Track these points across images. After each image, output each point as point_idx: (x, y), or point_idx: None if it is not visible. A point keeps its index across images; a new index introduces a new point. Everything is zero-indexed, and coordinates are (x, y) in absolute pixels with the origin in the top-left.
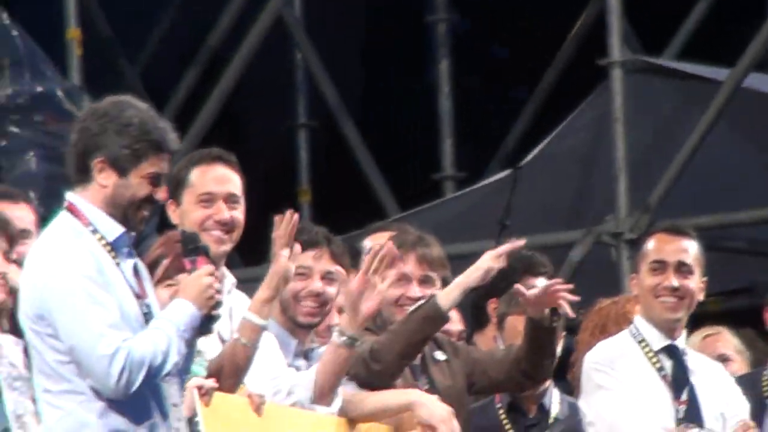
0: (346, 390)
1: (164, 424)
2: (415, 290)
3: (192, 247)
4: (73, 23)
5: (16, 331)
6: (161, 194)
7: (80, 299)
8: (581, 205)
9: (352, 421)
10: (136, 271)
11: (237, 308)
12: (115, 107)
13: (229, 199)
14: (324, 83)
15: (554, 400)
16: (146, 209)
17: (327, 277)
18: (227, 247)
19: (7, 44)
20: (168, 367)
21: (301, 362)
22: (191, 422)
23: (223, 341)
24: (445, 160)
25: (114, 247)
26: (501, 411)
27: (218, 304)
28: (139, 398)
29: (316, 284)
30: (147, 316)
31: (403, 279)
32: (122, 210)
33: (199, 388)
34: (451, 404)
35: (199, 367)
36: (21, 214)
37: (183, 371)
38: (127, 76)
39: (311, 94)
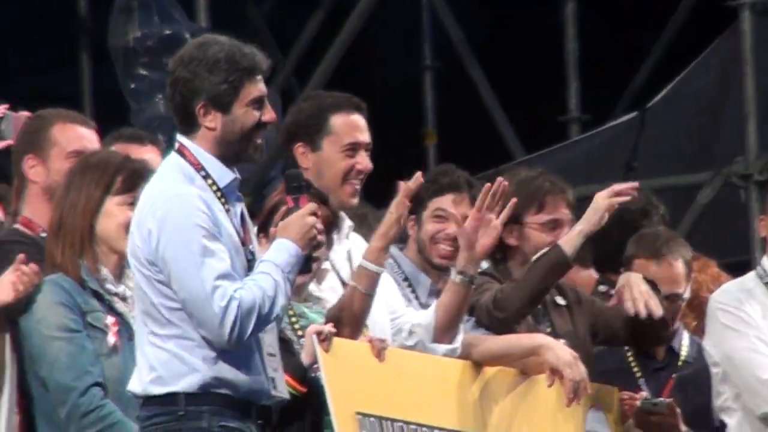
0: (474, 333)
1: (263, 374)
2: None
3: (295, 185)
4: None
5: None
6: (268, 115)
7: (194, 251)
8: (709, 146)
9: (477, 365)
10: (241, 217)
11: (355, 251)
12: (198, 50)
13: (367, 148)
14: (450, 25)
15: (684, 342)
16: (258, 136)
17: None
18: (358, 197)
19: None
20: (276, 311)
21: (435, 301)
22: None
23: (344, 284)
24: (571, 102)
25: (224, 193)
26: (629, 354)
27: (319, 245)
28: (243, 347)
29: (454, 228)
30: (250, 263)
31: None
32: (235, 145)
33: (318, 333)
34: (573, 349)
35: (316, 315)
36: (148, 157)
37: (280, 319)
38: (253, 18)
39: (437, 36)
